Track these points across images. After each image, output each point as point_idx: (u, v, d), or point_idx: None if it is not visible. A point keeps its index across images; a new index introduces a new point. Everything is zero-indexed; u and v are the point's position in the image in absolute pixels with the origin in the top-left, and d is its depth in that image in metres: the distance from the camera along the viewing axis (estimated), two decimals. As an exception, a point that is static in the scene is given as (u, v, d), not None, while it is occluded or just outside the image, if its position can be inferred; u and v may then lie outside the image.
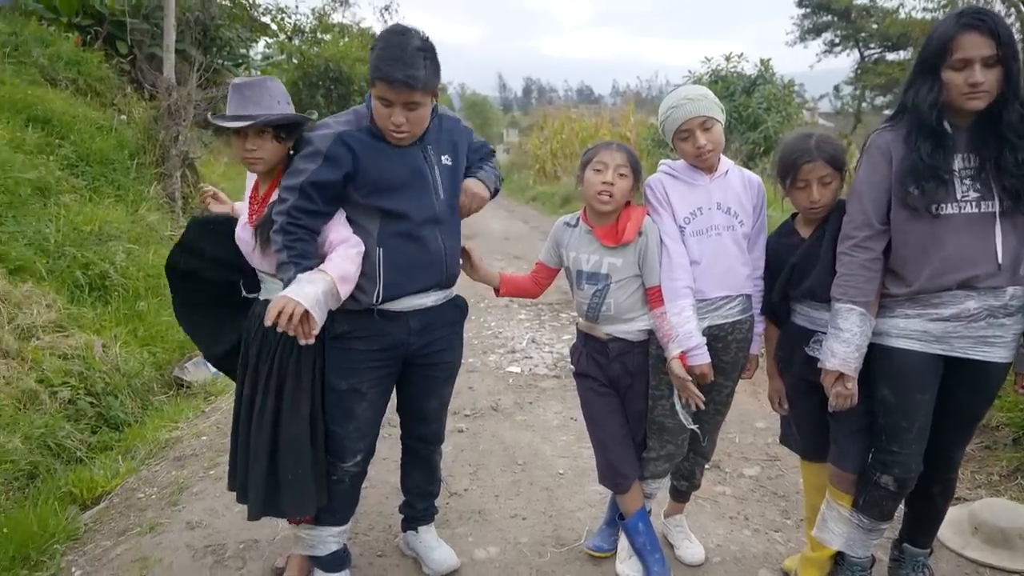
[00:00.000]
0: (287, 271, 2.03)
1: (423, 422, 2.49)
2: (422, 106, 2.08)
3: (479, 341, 5.63)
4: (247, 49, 12.25)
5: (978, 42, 1.84)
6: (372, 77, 2.05)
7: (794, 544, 2.69)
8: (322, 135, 2.12)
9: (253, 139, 2.12)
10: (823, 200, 2.18)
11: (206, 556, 2.69)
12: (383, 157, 2.13)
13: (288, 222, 2.06)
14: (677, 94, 2.32)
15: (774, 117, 10.71)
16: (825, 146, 2.17)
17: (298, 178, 2.07)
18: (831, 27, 25.11)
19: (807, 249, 2.23)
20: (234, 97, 2.15)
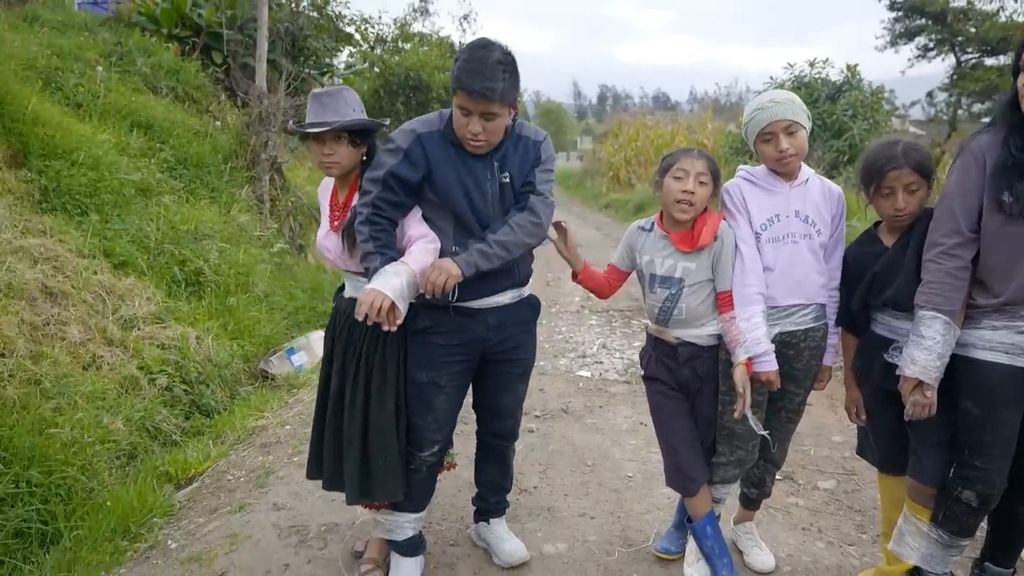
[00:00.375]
0: (372, 260, 2.16)
1: (498, 418, 2.58)
2: (499, 117, 2.16)
3: (550, 345, 5.69)
4: (332, 58, 12.73)
5: None
6: (453, 87, 2.14)
7: (869, 559, 2.63)
8: (404, 133, 2.26)
9: (330, 144, 2.29)
10: (908, 208, 2.14)
11: (290, 536, 2.85)
12: (450, 162, 2.24)
13: (373, 212, 2.20)
14: (764, 97, 2.33)
15: (860, 125, 10.37)
16: (912, 153, 2.14)
17: (380, 170, 2.22)
18: (925, 31, 23.92)
19: (890, 258, 2.20)
20: (313, 105, 2.31)
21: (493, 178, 2.27)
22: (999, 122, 2.01)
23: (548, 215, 2.32)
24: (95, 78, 7.09)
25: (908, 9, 23.44)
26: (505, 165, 2.29)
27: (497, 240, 2.21)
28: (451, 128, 2.24)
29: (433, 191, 2.25)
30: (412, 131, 2.26)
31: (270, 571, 2.61)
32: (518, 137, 2.32)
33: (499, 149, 2.28)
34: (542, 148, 2.34)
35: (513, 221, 2.24)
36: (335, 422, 2.36)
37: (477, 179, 2.25)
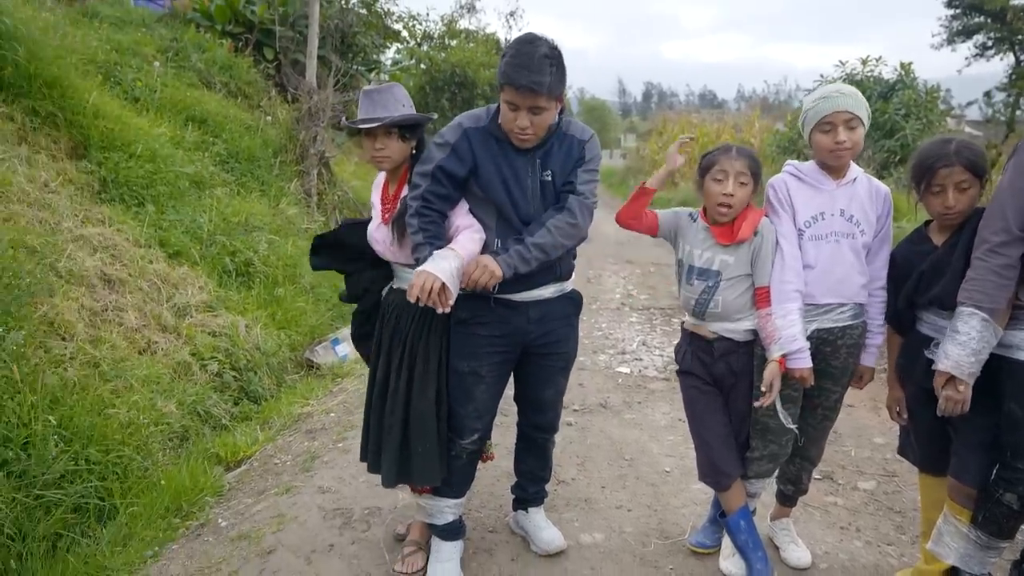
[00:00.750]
0: (423, 251, 2.22)
1: (539, 411, 2.62)
2: (546, 111, 2.18)
3: (590, 341, 5.71)
4: (379, 55, 12.92)
5: None
6: (500, 82, 2.17)
7: (907, 559, 2.62)
8: (452, 128, 2.32)
9: (381, 139, 2.36)
10: (958, 206, 2.12)
11: (335, 518, 2.95)
12: (493, 157, 2.28)
13: (422, 205, 2.26)
14: (830, 87, 2.32)
15: (913, 124, 10.11)
16: (965, 151, 2.12)
17: (430, 164, 2.28)
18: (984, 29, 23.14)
19: (939, 256, 2.18)
20: (364, 102, 2.38)
21: (534, 174, 2.30)
22: None
23: (587, 216, 2.32)
24: (152, 73, 7.34)
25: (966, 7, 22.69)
26: (548, 163, 2.31)
27: (535, 243, 2.23)
28: (497, 123, 2.29)
29: (477, 185, 2.30)
30: (459, 125, 2.32)
31: (315, 550, 2.71)
32: (563, 135, 2.33)
33: (543, 145, 2.30)
34: (587, 147, 2.34)
35: (551, 223, 2.25)
36: (379, 407, 2.44)
37: (518, 174, 2.29)
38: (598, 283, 8.02)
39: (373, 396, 2.47)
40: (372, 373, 2.52)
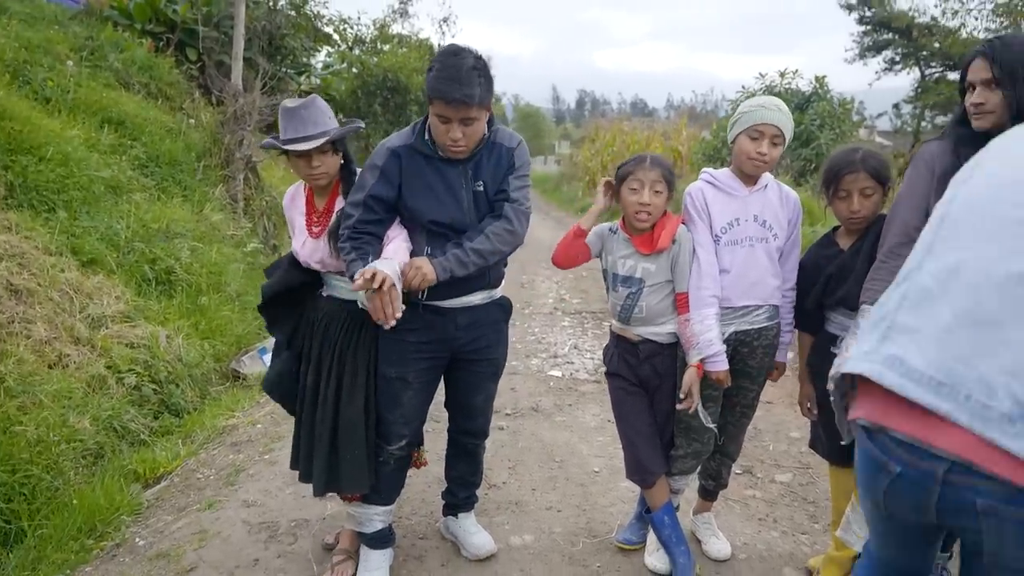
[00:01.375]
0: (356, 265, 2.17)
1: (469, 416, 2.63)
2: (478, 120, 2.19)
3: (522, 345, 5.75)
4: (309, 58, 12.70)
5: (979, 66, 1.95)
6: (430, 96, 2.16)
7: (820, 546, 2.74)
8: (380, 152, 2.31)
9: (317, 157, 2.29)
10: (863, 211, 2.25)
11: (260, 532, 2.88)
12: (424, 173, 2.28)
13: (355, 232, 2.25)
14: (772, 99, 2.40)
15: (827, 134, 10.63)
16: (870, 159, 2.25)
17: (361, 193, 2.27)
18: (892, 45, 24.57)
19: (844, 260, 2.30)
20: (291, 120, 2.27)
21: (467, 186, 2.30)
22: (949, 133, 2.13)
23: (523, 222, 2.36)
24: (65, 73, 6.99)
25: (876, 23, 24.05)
26: (479, 173, 2.32)
27: (473, 248, 2.25)
28: (423, 139, 2.28)
29: (407, 205, 2.29)
30: (388, 148, 2.31)
31: (239, 566, 2.64)
32: (492, 144, 2.35)
33: (473, 156, 2.31)
34: (516, 154, 2.36)
35: (489, 230, 2.28)
36: (310, 416, 2.40)
37: (451, 187, 2.29)
38: (531, 288, 8.09)
39: (304, 404, 2.43)
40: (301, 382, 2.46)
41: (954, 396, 1.13)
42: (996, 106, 1.94)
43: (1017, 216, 1.23)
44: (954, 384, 1.14)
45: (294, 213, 2.50)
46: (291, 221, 2.52)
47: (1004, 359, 1.11)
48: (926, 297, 1.27)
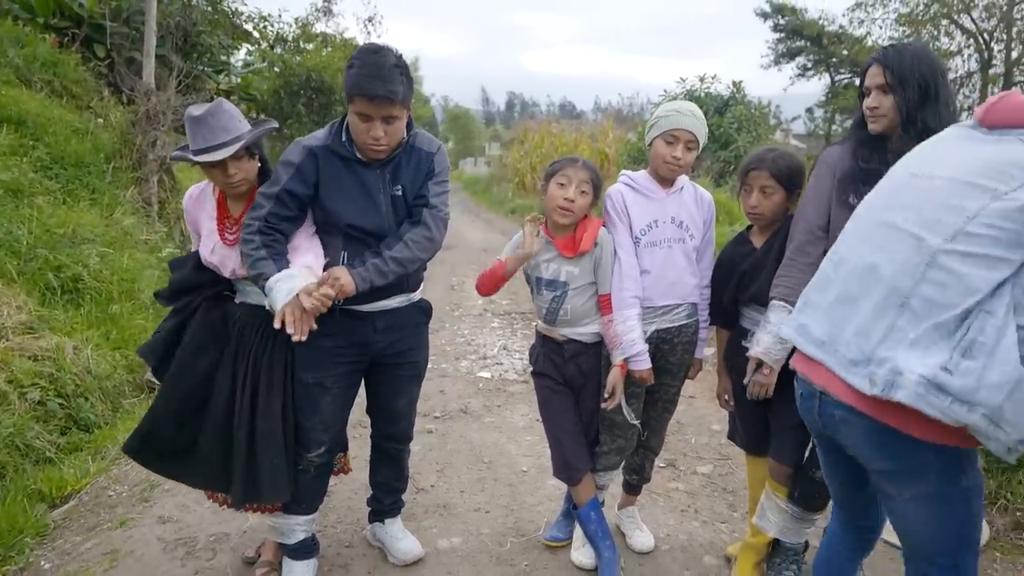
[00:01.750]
0: (266, 266, 2.12)
1: (392, 421, 2.60)
2: (399, 120, 2.16)
3: (452, 348, 5.74)
4: (228, 56, 12.29)
5: (875, 72, 2.07)
6: (351, 94, 2.11)
7: (738, 534, 2.84)
8: (297, 148, 2.25)
9: (233, 165, 2.18)
10: (760, 208, 2.34)
11: (177, 548, 2.76)
12: (340, 177, 2.24)
13: (265, 226, 2.17)
14: (687, 104, 2.45)
15: (744, 137, 11.04)
16: (779, 161, 2.33)
17: (275, 187, 2.20)
18: (804, 52, 25.80)
19: (757, 258, 2.39)
20: (199, 129, 2.15)
21: (385, 189, 2.27)
22: (850, 136, 2.24)
23: (442, 229, 2.35)
24: (-42, 70, 6.56)
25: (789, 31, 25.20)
26: (398, 177, 2.29)
27: (393, 257, 2.23)
28: (340, 141, 2.23)
29: (322, 205, 2.24)
30: (305, 146, 2.25)
31: (154, 584, 2.53)
32: (411, 148, 2.32)
33: (391, 160, 2.28)
34: (436, 160, 2.34)
35: (408, 238, 2.26)
36: (226, 425, 2.30)
37: (369, 191, 2.25)
38: (461, 290, 8.07)
39: (217, 415, 2.32)
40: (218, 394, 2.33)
41: (830, 350, 1.60)
42: (889, 110, 2.05)
43: (881, 219, 1.62)
44: (831, 342, 1.60)
45: (200, 215, 2.39)
46: (195, 223, 2.41)
47: (856, 324, 1.55)
48: (825, 281, 1.71)
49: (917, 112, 2.00)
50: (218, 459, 2.31)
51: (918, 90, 2.00)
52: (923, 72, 2.00)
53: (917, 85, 2.00)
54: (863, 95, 2.15)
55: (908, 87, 2.01)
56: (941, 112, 2.02)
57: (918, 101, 2.00)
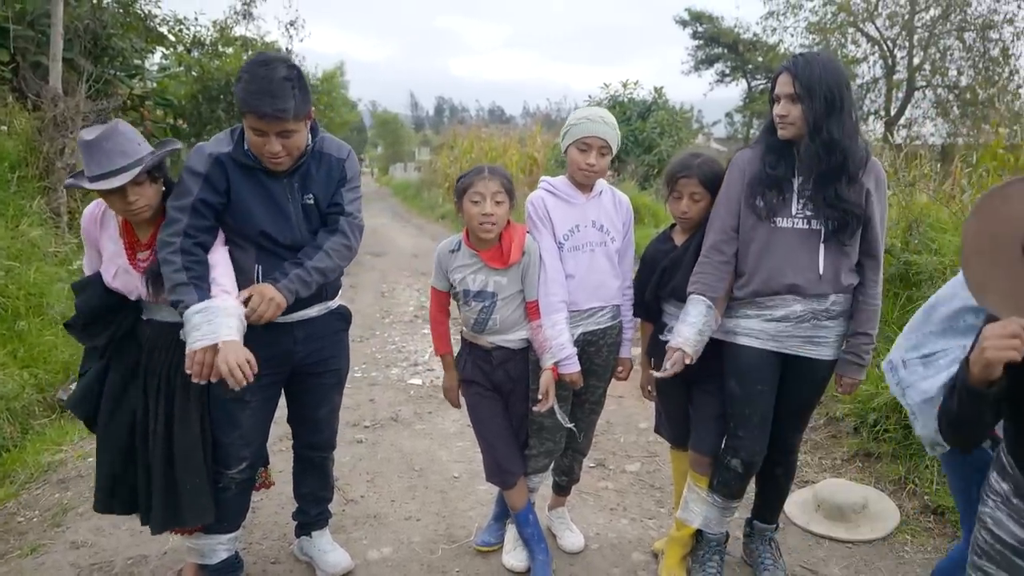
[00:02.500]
0: (186, 293, 2.03)
1: (315, 430, 2.55)
2: (296, 132, 2.08)
3: (382, 355, 5.68)
4: (142, 60, 11.78)
5: (784, 81, 2.16)
6: (242, 110, 2.04)
7: (666, 529, 2.92)
8: (201, 156, 2.15)
9: (134, 191, 2.05)
10: (691, 213, 2.42)
11: (92, 574, 2.65)
12: (247, 186, 2.16)
13: (186, 242, 2.08)
14: (597, 111, 2.48)
15: (667, 141, 11.34)
16: (705, 167, 2.40)
17: (188, 198, 2.11)
18: (722, 58, 26.77)
19: (677, 255, 2.47)
20: (95, 153, 2.01)
21: (295, 199, 2.22)
22: (759, 140, 2.34)
23: (358, 236, 2.34)
24: None
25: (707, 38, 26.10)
26: (308, 186, 2.24)
27: (315, 267, 2.20)
28: (243, 149, 2.16)
29: (232, 215, 2.17)
30: (209, 154, 2.15)
31: (67, 613, 2.42)
32: (320, 154, 2.26)
33: (299, 169, 2.21)
34: (347, 166, 2.31)
35: (328, 247, 2.24)
36: (141, 451, 2.22)
37: (277, 201, 2.19)
38: (392, 297, 8.00)
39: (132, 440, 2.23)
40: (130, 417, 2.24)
41: None
42: (797, 119, 2.15)
43: None
44: None
45: (102, 237, 2.25)
46: (94, 243, 2.27)
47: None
48: None
49: (823, 122, 2.11)
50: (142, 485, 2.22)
51: (824, 101, 2.10)
52: (829, 83, 2.10)
53: (823, 96, 2.09)
54: (773, 101, 2.25)
55: (815, 98, 2.10)
56: (845, 122, 2.13)
57: (824, 111, 2.10)
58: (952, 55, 20.55)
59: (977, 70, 20.02)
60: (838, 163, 2.12)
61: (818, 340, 2.26)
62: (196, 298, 2.02)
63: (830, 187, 2.14)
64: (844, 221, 2.16)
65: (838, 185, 2.14)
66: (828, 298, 2.24)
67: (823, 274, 2.20)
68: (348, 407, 4.36)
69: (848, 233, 2.19)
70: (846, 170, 2.13)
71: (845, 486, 3.01)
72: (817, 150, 2.12)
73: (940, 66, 20.81)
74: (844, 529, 2.83)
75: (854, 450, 3.53)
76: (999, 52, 19.53)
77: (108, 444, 2.26)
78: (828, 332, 2.27)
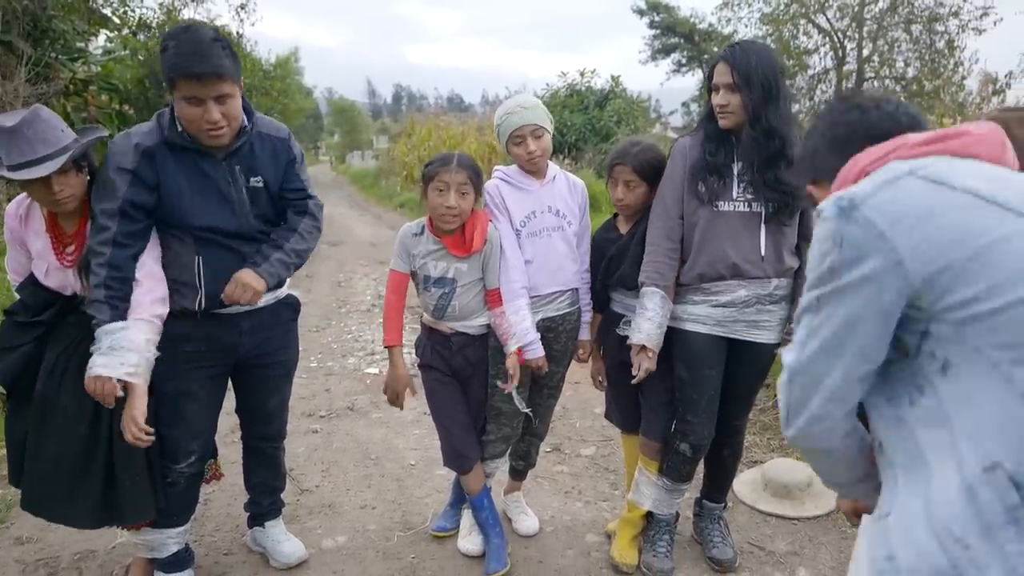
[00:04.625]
0: (101, 311, 1.98)
1: (264, 421, 2.52)
2: (232, 98, 2.00)
3: (338, 345, 5.63)
4: (85, 43, 11.37)
5: (722, 70, 2.20)
6: (173, 78, 1.93)
7: (619, 511, 2.95)
8: (124, 151, 2.04)
9: (59, 180, 1.97)
10: (626, 200, 2.45)
11: (38, 570, 2.59)
12: (185, 173, 2.08)
13: (116, 254, 2.00)
14: (512, 102, 2.50)
15: (624, 129, 11.43)
16: (641, 155, 2.42)
17: (114, 201, 2.01)
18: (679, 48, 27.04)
19: (623, 244, 2.50)
20: (15, 141, 1.92)
21: (236, 182, 2.14)
22: (700, 127, 2.37)
23: (322, 218, 2.38)
24: None
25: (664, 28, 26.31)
26: (255, 168, 2.17)
27: (294, 249, 2.20)
28: (177, 132, 2.05)
29: (167, 211, 2.08)
30: (136, 145, 2.03)
31: (10, 611, 2.36)
32: (260, 135, 2.19)
33: (238, 150, 2.13)
34: (292, 145, 2.27)
35: (302, 229, 2.24)
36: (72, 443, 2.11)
37: (218, 187, 2.12)
38: (348, 286, 7.91)
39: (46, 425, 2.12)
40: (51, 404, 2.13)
41: None
42: (737, 108, 2.20)
43: None
44: None
45: (27, 234, 2.16)
46: (21, 242, 2.18)
47: None
48: None
49: (762, 110, 2.15)
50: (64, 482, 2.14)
51: (762, 89, 2.14)
52: (766, 72, 2.15)
53: (760, 85, 2.14)
54: (712, 90, 2.28)
55: (753, 87, 2.15)
56: (782, 108, 2.19)
57: (763, 100, 2.15)
58: (900, 47, 21.13)
59: (924, 62, 20.63)
60: (777, 149, 2.17)
61: (762, 324, 2.32)
62: (108, 319, 1.98)
63: (770, 171, 2.19)
64: (784, 202, 2.22)
65: (777, 169, 2.19)
66: (771, 282, 2.30)
67: (765, 255, 2.26)
68: (303, 397, 4.31)
69: (788, 213, 2.25)
70: (784, 155, 2.18)
71: (791, 465, 3.10)
72: (757, 137, 2.17)
73: (888, 58, 21.38)
74: (790, 506, 2.92)
75: (801, 431, 3.61)
76: (944, 44, 20.16)
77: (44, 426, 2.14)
78: (771, 316, 2.33)
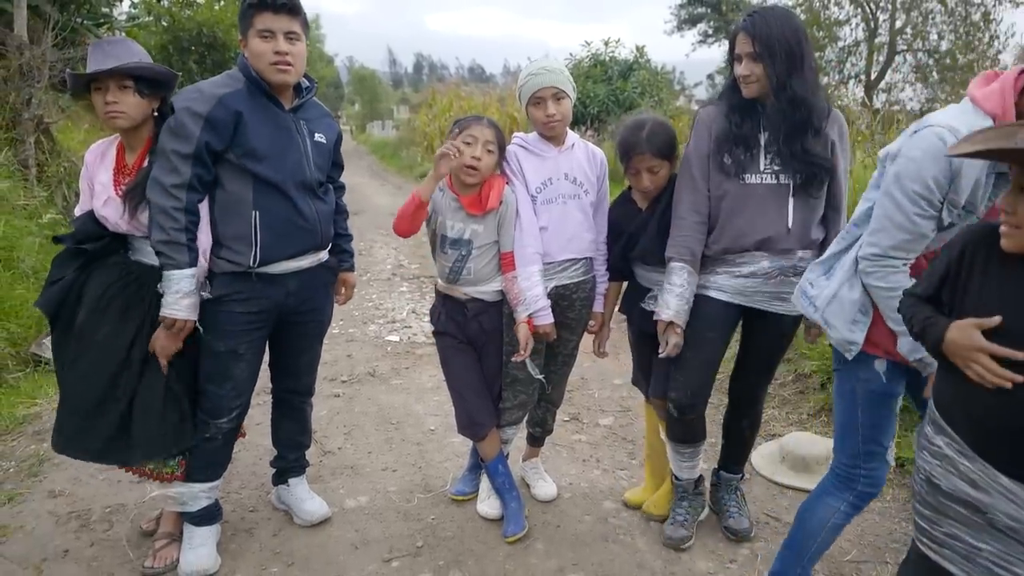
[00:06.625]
0: (180, 252, 2.08)
1: (295, 376, 2.60)
2: (299, 40, 2.18)
3: (360, 312, 5.69)
4: (110, 8, 11.39)
5: (743, 40, 2.16)
6: (249, 14, 2.12)
7: (636, 480, 3.01)
8: (202, 97, 2.11)
9: (114, 92, 2.11)
10: (652, 186, 2.43)
11: (70, 521, 2.67)
12: (260, 120, 2.18)
13: (191, 198, 2.10)
14: (537, 64, 2.49)
15: (648, 101, 11.27)
16: (654, 138, 2.38)
17: (189, 145, 2.08)
18: (705, 18, 26.46)
19: (643, 219, 2.49)
20: (94, 54, 2.13)
21: (301, 134, 2.29)
22: (724, 97, 2.34)
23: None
24: None
25: (691, -3, 25.70)
26: (314, 126, 2.34)
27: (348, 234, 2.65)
28: (253, 81, 2.18)
29: (239, 152, 2.15)
30: (212, 95, 2.12)
31: (47, 558, 2.44)
32: (315, 104, 2.40)
33: (300, 106, 2.30)
34: (337, 126, 2.45)
35: (343, 207, 2.59)
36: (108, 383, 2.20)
37: (290, 133, 2.26)
38: (369, 255, 7.97)
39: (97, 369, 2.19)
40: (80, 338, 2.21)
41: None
42: (760, 77, 2.15)
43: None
44: None
45: (99, 169, 2.26)
46: (90, 180, 2.27)
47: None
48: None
49: (786, 79, 2.11)
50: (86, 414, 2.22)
51: (785, 58, 2.10)
52: (788, 39, 2.10)
53: (784, 53, 2.09)
54: (734, 60, 2.24)
55: (776, 56, 2.10)
56: (807, 76, 2.14)
57: (786, 69, 2.11)
58: (934, 19, 20.48)
59: (958, 35, 20.01)
60: (803, 118, 2.14)
61: (785, 296, 2.30)
62: (188, 261, 2.10)
63: (796, 142, 2.16)
64: (812, 173, 2.19)
65: (804, 139, 2.16)
66: (796, 254, 2.28)
67: (792, 228, 2.23)
68: (326, 362, 4.37)
69: (816, 185, 2.22)
70: (811, 124, 2.15)
71: (810, 439, 3.11)
72: (783, 107, 2.14)
73: (921, 30, 20.75)
74: (807, 479, 2.93)
75: (820, 405, 3.63)
76: (980, 17, 19.52)
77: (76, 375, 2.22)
78: (794, 287, 2.31)
